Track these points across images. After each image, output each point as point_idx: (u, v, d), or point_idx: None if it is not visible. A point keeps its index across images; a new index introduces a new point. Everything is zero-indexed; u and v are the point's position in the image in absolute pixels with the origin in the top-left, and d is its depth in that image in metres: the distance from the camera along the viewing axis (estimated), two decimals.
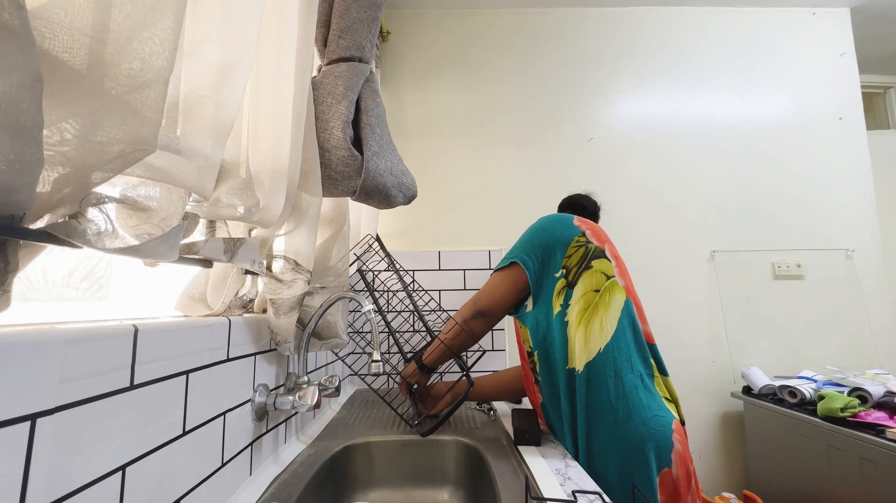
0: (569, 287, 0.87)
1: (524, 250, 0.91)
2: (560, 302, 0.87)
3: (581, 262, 0.88)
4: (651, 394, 0.83)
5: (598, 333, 0.84)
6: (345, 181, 0.75)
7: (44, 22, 0.27)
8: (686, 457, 0.80)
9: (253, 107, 0.63)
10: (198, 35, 0.48)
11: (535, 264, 0.90)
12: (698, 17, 1.94)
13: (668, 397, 0.87)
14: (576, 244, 0.90)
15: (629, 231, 1.79)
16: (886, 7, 1.92)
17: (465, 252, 1.69)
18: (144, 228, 0.38)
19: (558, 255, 0.89)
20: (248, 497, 0.61)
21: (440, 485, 0.89)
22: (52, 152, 0.28)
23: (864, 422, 1.19)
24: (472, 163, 1.81)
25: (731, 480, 1.68)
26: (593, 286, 0.87)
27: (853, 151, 1.86)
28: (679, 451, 0.78)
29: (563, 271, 0.88)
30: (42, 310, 0.43)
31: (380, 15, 0.80)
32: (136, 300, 0.57)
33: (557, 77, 1.89)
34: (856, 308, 1.75)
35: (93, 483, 0.36)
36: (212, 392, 0.55)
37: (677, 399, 0.89)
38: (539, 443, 0.84)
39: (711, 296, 1.78)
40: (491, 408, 1.12)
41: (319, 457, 0.79)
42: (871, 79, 2.37)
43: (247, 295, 0.74)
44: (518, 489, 0.65)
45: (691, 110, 1.89)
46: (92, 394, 0.36)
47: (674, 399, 0.88)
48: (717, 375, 1.72)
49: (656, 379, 0.87)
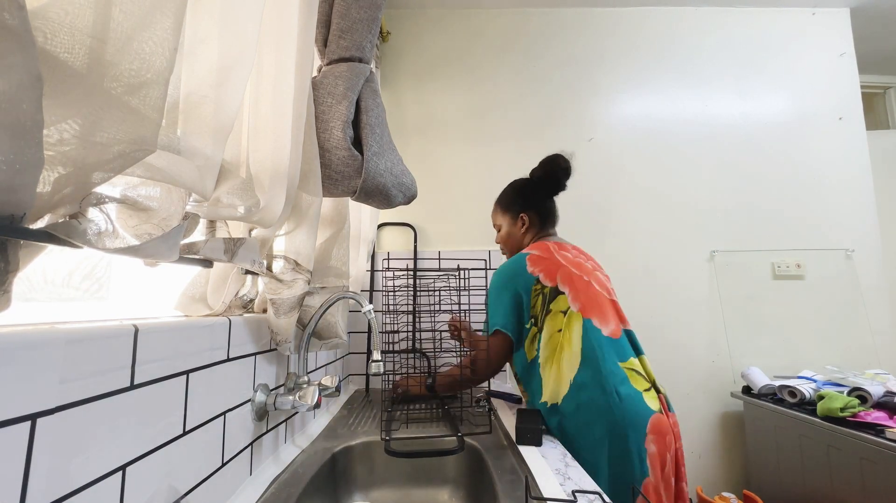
0: (539, 333, 0.99)
1: (500, 313, 1.02)
2: (534, 348, 0.99)
3: (543, 309, 0.98)
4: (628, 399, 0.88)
5: (567, 369, 0.92)
6: (345, 181, 0.75)
7: (44, 22, 0.26)
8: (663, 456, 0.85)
9: (253, 107, 0.63)
10: (198, 35, 0.48)
11: (514, 323, 1.01)
12: (698, 17, 1.94)
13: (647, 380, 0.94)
14: (535, 293, 1.00)
15: (629, 231, 1.79)
16: (886, 7, 1.92)
17: (465, 252, 1.69)
18: (145, 228, 0.38)
19: (525, 305, 1.00)
20: (248, 497, 0.61)
21: (440, 485, 0.89)
22: (53, 152, 0.28)
23: (864, 422, 1.19)
24: (472, 162, 1.81)
25: (731, 480, 1.68)
26: (556, 327, 0.96)
27: (853, 151, 1.86)
28: (653, 453, 0.84)
29: (532, 320, 1.00)
30: (42, 310, 0.43)
31: (380, 15, 0.80)
32: (136, 300, 0.57)
33: (557, 77, 1.88)
34: (856, 308, 1.75)
35: (93, 483, 0.36)
36: (212, 392, 0.55)
37: (654, 379, 0.96)
38: (540, 443, 0.84)
39: (711, 296, 1.78)
40: (491, 407, 1.12)
41: (319, 457, 0.79)
42: (871, 79, 2.37)
43: (247, 295, 0.74)
44: (518, 489, 0.65)
45: (691, 110, 1.88)
46: (92, 394, 0.36)
47: (651, 381, 0.95)
48: (717, 375, 1.72)
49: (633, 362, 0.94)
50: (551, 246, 1.06)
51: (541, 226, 1.16)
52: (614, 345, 0.93)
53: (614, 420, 0.85)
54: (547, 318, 0.97)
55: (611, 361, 0.91)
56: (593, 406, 0.87)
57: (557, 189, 1.16)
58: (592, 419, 0.87)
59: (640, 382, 0.91)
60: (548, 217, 1.17)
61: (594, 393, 0.88)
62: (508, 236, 1.18)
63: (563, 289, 0.97)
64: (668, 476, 0.86)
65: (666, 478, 0.85)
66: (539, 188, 1.16)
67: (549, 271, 1.00)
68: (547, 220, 1.16)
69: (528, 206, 1.16)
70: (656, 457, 0.84)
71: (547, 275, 0.99)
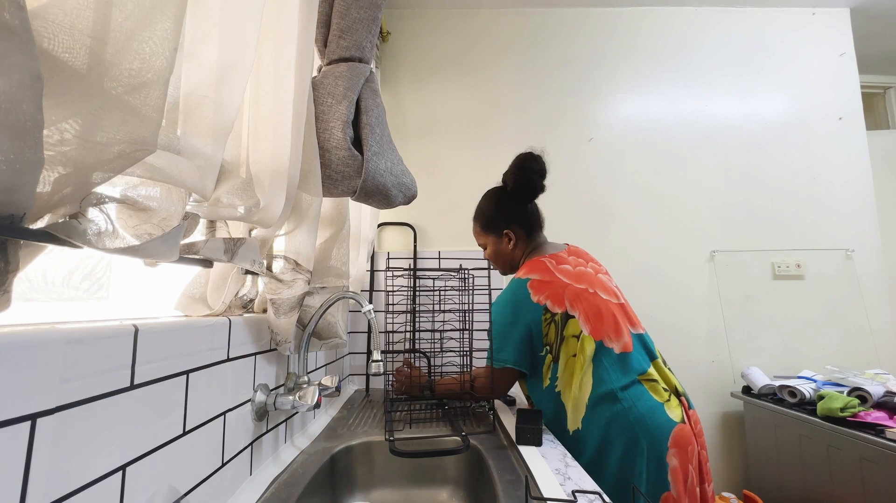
0: (554, 362, 0.95)
1: (510, 349, 0.97)
2: (549, 376, 0.96)
3: (557, 337, 0.95)
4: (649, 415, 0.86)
5: (583, 392, 0.91)
6: (345, 181, 0.75)
7: (44, 22, 0.26)
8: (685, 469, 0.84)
9: (253, 107, 0.63)
10: (198, 35, 0.48)
11: (527, 357, 0.97)
12: (698, 17, 1.94)
13: (666, 387, 0.92)
14: (545, 322, 0.95)
15: (629, 231, 1.79)
16: (886, 7, 1.92)
17: (466, 252, 1.69)
18: (145, 228, 0.38)
19: (537, 336, 0.96)
20: (247, 497, 0.61)
21: (440, 485, 0.89)
22: (53, 152, 0.28)
23: (864, 422, 1.19)
24: (473, 162, 1.81)
25: (731, 480, 1.68)
26: (571, 352, 0.94)
27: (853, 151, 1.86)
28: (675, 468, 0.83)
29: (546, 348, 0.96)
30: (42, 310, 0.43)
31: (380, 15, 0.80)
32: (136, 300, 0.57)
33: (557, 77, 1.89)
34: (855, 308, 1.75)
35: (93, 483, 0.35)
36: (212, 392, 0.55)
37: (675, 383, 0.94)
38: (540, 443, 0.84)
39: (711, 296, 1.78)
40: (491, 407, 1.12)
41: (319, 457, 0.79)
42: (871, 79, 2.37)
43: (247, 295, 0.74)
44: (518, 489, 0.65)
45: (691, 110, 1.89)
46: (92, 394, 0.36)
47: (672, 386, 0.93)
48: (717, 375, 1.72)
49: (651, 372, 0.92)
50: (548, 263, 1.01)
51: (528, 237, 1.10)
52: (628, 360, 0.91)
53: (635, 438, 0.84)
54: (562, 346, 0.94)
55: (628, 378, 0.89)
56: (614, 425, 0.86)
57: (535, 194, 1.09)
58: (613, 437, 0.86)
59: (659, 392, 0.89)
60: (533, 225, 1.10)
61: (611, 413, 0.87)
62: (497, 254, 1.12)
63: (572, 312, 0.94)
64: (693, 487, 0.84)
65: (690, 490, 0.83)
66: (516, 198, 1.09)
67: (555, 296, 0.95)
68: (533, 228, 1.10)
69: (511, 221, 1.09)
70: (678, 470, 0.82)
71: (554, 300, 0.95)
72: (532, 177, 1.06)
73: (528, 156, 1.07)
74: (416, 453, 0.83)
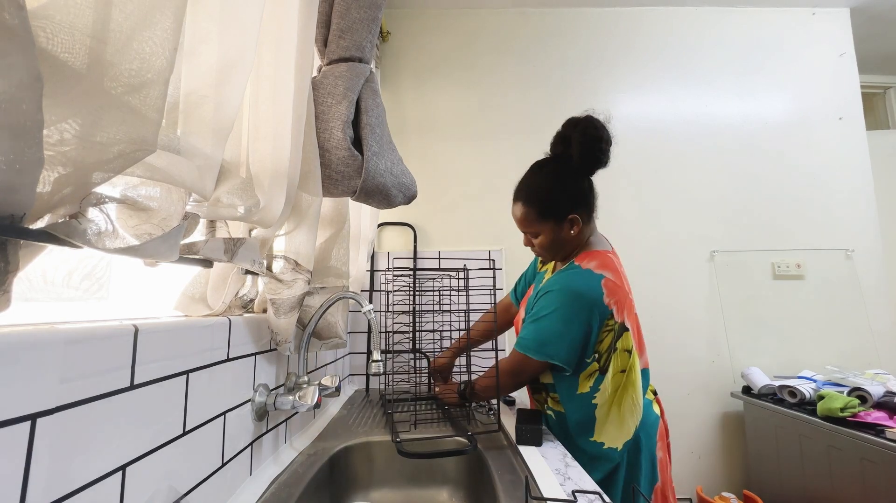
0: (600, 373, 0.87)
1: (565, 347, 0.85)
2: (590, 384, 0.87)
3: (610, 347, 0.86)
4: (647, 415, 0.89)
5: (630, 414, 0.86)
6: (345, 181, 0.75)
7: (44, 22, 0.26)
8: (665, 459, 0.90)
9: (253, 107, 0.63)
10: (198, 35, 0.48)
11: (576, 359, 0.86)
12: (698, 17, 1.94)
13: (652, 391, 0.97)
14: (606, 328, 0.86)
15: (629, 231, 1.79)
16: (886, 7, 1.91)
17: (466, 252, 1.69)
18: (145, 228, 0.38)
19: (592, 341, 0.86)
20: (247, 497, 0.61)
21: (440, 485, 0.89)
22: (53, 152, 0.28)
23: (864, 422, 1.19)
24: (473, 162, 1.81)
25: (731, 480, 1.68)
26: (620, 367, 0.86)
27: (853, 151, 1.86)
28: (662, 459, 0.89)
29: (595, 356, 0.87)
30: (42, 310, 0.43)
31: (380, 15, 0.80)
32: (136, 300, 0.57)
33: (557, 77, 1.88)
34: (856, 308, 1.75)
35: (93, 483, 0.35)
36: (212, 392, 0.55)
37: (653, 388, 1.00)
38: (540, 443, 0.84)
39: (711, 296, 1.78)
40: (490, 407, 1.12)
41: (319, 457, 0.79)
42: (871, 79, 2.37)
43: (247, 295, 0.74)
44: (518, 489, 0.65)
45: (691, 110, 1.88)
46: (92, 394, 0.36)
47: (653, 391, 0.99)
48: (717, 375, 1.72)
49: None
50: (616, 262, 0.91)
51: (589, 220, 0.95)
52: (647, 375, 0.93)
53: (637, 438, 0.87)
54: (613, 358, 0.86)
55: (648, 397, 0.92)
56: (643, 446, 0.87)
57: (598, 167, 0.91)
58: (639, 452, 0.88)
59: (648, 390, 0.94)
60: (594, 207, 0.96)
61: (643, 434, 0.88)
62: (554, 243, 0.93)
63: (628, 324, 0.87)
64: (670, 475, 0.89)
65: (670, 479, 0.89)
66: (581, 172, 0.91)
67: (620, 303, 0.86)
68: (594, 211, 0.96)
69: (577, 204, 0.91)
70: (665, 461, 0.88)
71: (619, 308, 0.86)
72: (601, 146, 0.89)
73: (588, 120, 0.90)
74: (425, 454, 0.81)
